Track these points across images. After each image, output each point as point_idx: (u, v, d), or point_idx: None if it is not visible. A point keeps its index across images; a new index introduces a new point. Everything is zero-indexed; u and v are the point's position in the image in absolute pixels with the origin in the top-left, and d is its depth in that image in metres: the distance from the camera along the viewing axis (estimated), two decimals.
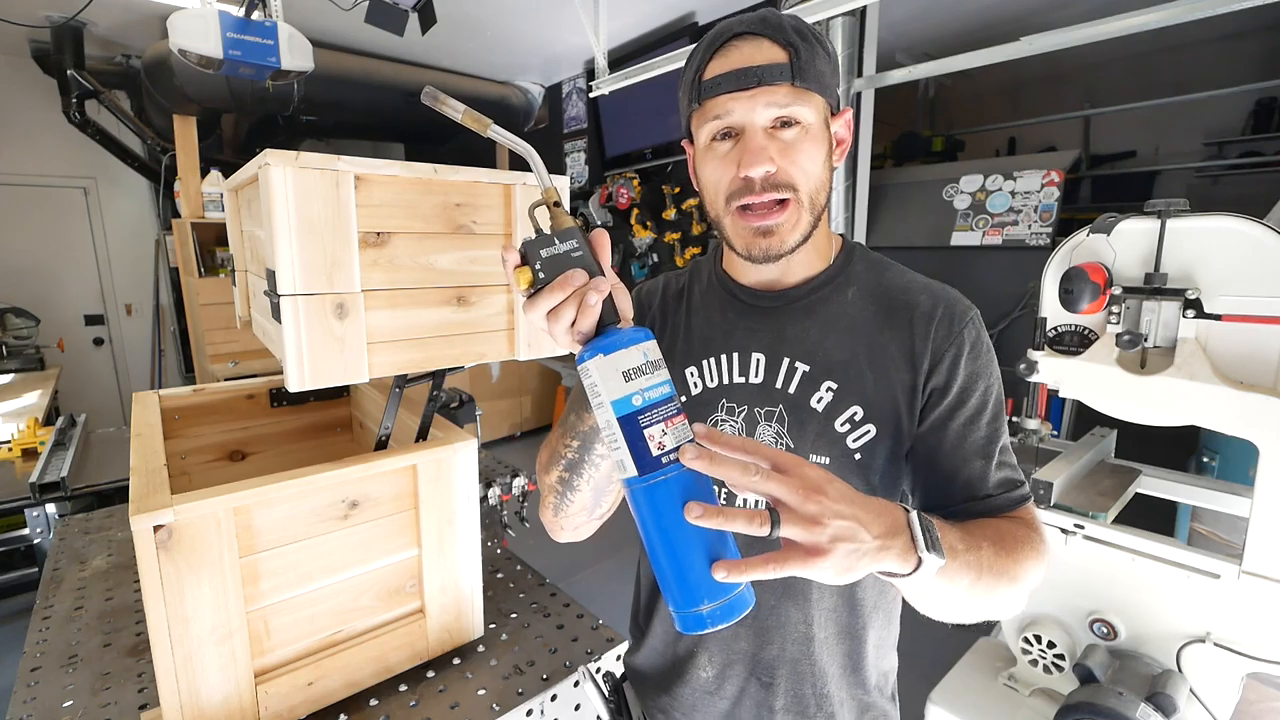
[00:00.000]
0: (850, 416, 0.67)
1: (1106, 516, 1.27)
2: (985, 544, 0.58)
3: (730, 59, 0.63)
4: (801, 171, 0.64)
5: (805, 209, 0.65)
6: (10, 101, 4.08)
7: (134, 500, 0.71)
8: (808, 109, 0.63)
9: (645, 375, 0.49)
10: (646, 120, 3.86)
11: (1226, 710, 1.14)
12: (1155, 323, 1.23)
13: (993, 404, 0.67)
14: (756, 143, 0.63)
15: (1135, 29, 1.84)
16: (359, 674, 0.91)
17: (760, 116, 0.63)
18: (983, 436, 0.66)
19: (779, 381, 0.70)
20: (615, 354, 0.49)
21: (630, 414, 0.49)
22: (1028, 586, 0.61)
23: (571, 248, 0.53)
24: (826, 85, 0.64)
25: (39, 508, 1.85)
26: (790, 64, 0.61)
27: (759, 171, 0.62)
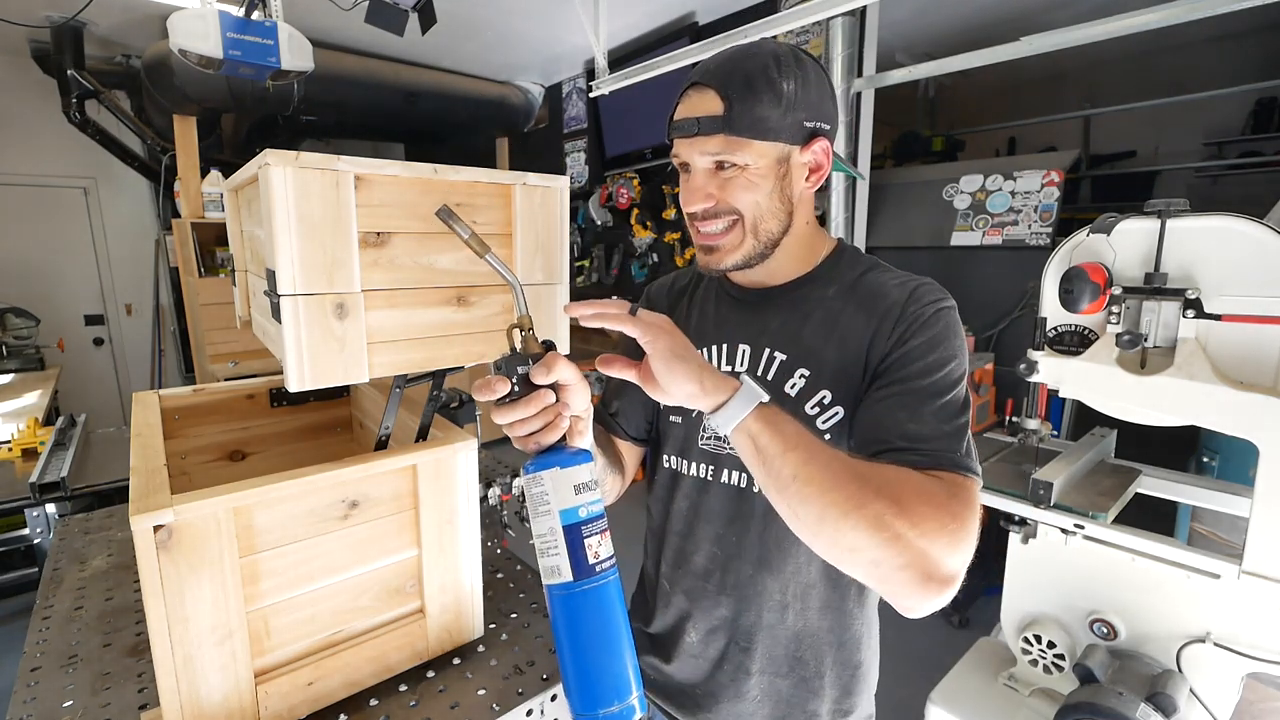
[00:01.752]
0: (820, 400, 0.73)
1: (1106, 516, 1.27)
2: (842, 456, 0.58)
3: (686, 105, 0.72)
4: (740, 202, 0.71)
5: (749, 233, 0.73)
6: (10, 101, 4.08)
7: (134, 500, 0.71)
8: (743, 154, 0.69)
9: (590, 491, 0.57)
10: (646, 120, 3.86)
11: (1226, 710, 1.14)
12: (1155, 323, 1.23)
13: (939, 375, 0.66)
14: (696, 182, 0.72)
15: (1135, 29, 1.84)
16: (359, 674, 0.91)
17: (699, 160, 0.71)
18: (914, 397, 0.65)
19: (760, 369, 0.77)
20: (570, 469, 0.56)
21: (575, 524, 0.55)
22: (914, 547, 0.54)
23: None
24: (771, 128, 0.69)
25: (39, 508, 1.85)
26: (724, 116, 0.68)
27: (695, 208, 0.73)
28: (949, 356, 0.67)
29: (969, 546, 0.57)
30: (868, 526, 0.53)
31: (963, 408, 0.66)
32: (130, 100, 3.96)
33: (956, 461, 0.62)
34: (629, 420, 0.92)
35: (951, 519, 0.56)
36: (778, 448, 0.56)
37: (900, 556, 0.54)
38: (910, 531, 0.54)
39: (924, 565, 0.54)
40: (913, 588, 0.55)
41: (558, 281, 0.95)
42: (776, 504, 0.59)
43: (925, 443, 0.63)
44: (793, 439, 0.57)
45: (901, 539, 0.53)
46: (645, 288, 0.99)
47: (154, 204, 4.49)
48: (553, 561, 0.56)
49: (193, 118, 3.57)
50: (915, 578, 0.54)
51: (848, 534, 0.54)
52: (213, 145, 4.16)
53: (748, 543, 0.79)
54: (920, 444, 0.63)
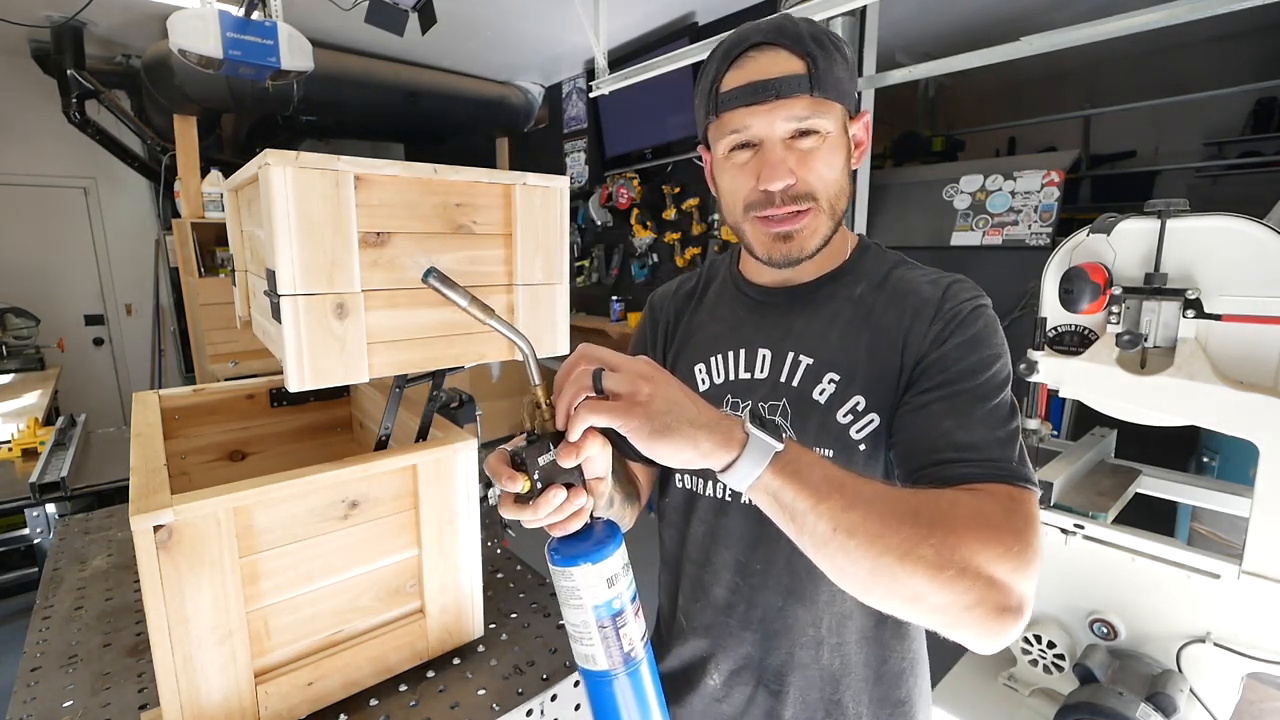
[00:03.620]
0: (853, 407, 0.66)
1: (1106, 516, 1.27)
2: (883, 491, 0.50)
3: (747, 70, 0.63)
4: (820, 180, 0.64)
5: (825, 215, 0.66)
6: (10, 101, 4.08)
7: (134, 500, 0.71)
8: (826, 119, 0.63)
9: (623, 579, 0.54)
10: (646, 120, 3.86)
11: (1226, 710, 1.14)
12: (1155, 323, 1.23)
13: (985, 376, 0.60)
14: (775, 156, 0.63)
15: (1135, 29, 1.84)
16: (359, 674, 0.91)
17: (778, 129, 0.63)
18: (960, 401, 0.59)
19: (783, 375, 0.70)
20: (601, 563, 0.52)
21: (611, 616, 0.53)
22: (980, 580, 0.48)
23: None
24: (845, 92, 0.64)
25: (39, 508, 1.85)
26: (808, 75, 0.61)
27: (778, 185, 0.63)
28: (993, 356, 0.62)
29: (1035, 566, 0.51)
30: (927, 569, 0.47)
31: (1012, 411, 0.60)
32: (130, 100, 3.96)
33: (1012, 472, 0.56)
34: None
35: (1014, 539, 0.50)
36: (807, 502, 0.49)
37: (968, 594, 0.48)
38: (974, 560, 0.48)
39: (994, 598, 0.48)
40: (986, 624, 0.49)
41: (558, 281, 0.95)
42: (817, 560, 0.51)
43: (976, 452, 0.57)
44: (823, 487, 0.49)
45: (965, 574, 0.47)
46: (648, 297, 0.92)
47: (154, 204, 4.48)
48: (587, 650, 0.54)
49: (193, 118, 3.56)
50: (987, 614, 0.48)
51: (906, 582, 0.48)
52: (213, 145, 4.15)
53: (774, 570, 0.70)
54: (971, 454, 0.57)
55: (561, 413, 0.52)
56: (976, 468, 0.56)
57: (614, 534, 0.55)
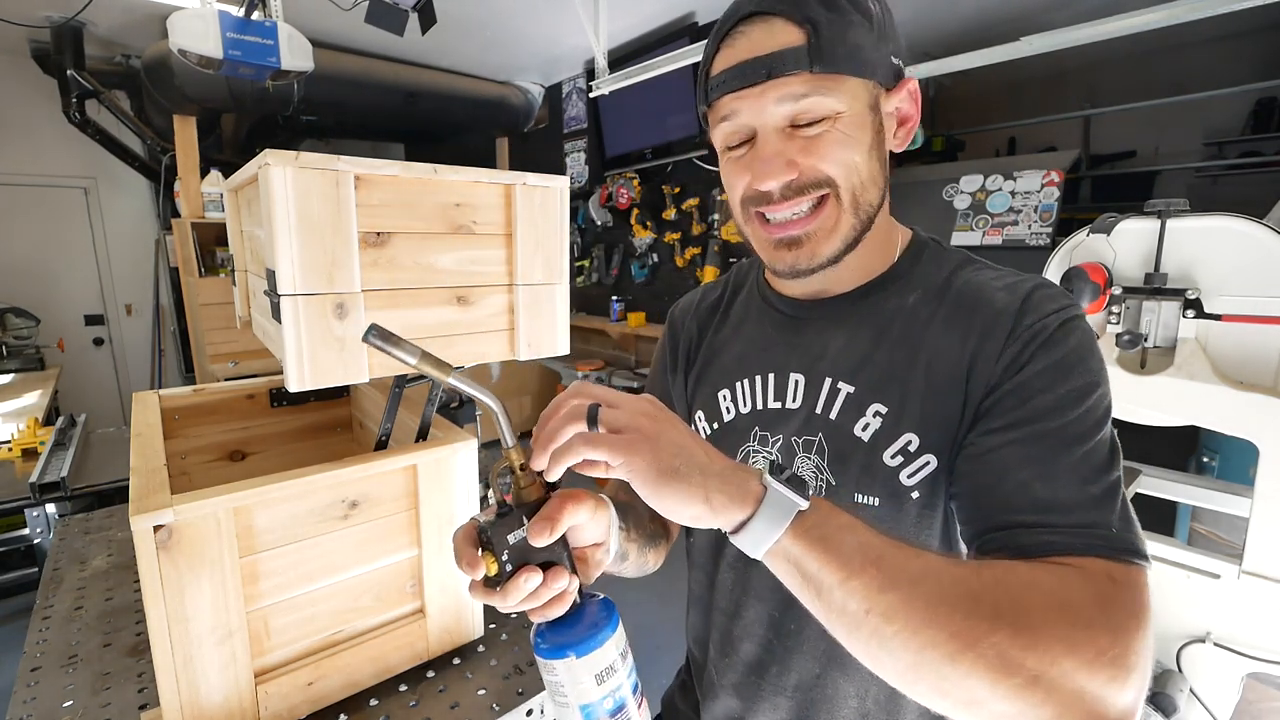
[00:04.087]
0: (904, 447, 0.54)
1: None
2: (934, 565, 0.41)
3: (737, 48, 0.52)
4: (836, 164, 0.53)
5: (846, 209, 0.54)
6: (10, 101, 4.08)
7: (134, 500, 0.71)
8: (835, 98, 0.51)
9: (617, 673, 0.45)
10: (646, 120, 3.86)
11: (1226, 710, 1.14)
12: (1155, 323, 1.23)
13: (1077, 413, 0.48)
14: (768, 149, 0.53)
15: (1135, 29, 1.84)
16: (359, 674, 0.91)
17: (771, 116, 0.52)
18: (1043, 446, 0.47)
19: (819, 406, 0.59)
20: (588, 656, 0.44)
21: (611, 713, 0.45)
22: (1061, 690, 0.37)
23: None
24: (865, 60, 0.52)
25: (39, 508, 1.85)
26: (807, 46, 0.50)
27: (771, 185, 0.53)
28: (1089, 386, 0.49)
29: (1143, 669, 0.39)
30: (987, 670, 0.38)
31: (1112, 458, 0.48)
32: (130, 100, 3.96)
33: (1111, 542, 0.44)
34: None
35: (1111, 638, 0.39)
36: (835, 575, 0.40)
37: (1044, 706, 0.37)
38: (1053, 669, 0.37)
39: (1080, 710, 0.38)
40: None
41: (558, 281, 0.95)
42: (849, 646, 0.42)
43: (1064, 514, 0.45)
44: (855, 558, 0.40)
45: (1040, 681, 0.37)
46: (670, 310, 0.81)
47: (154, 204, 4.48)
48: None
49: (193, 118, 3.57)
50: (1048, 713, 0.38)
51: (960, 684, 0.39)
52: (213, 145, 4.15)
53: (809, 631, 0.60)
54: (1056, 516, 0.45)
55: (541, 450, 0.44)
56: (1064, 535, 0.44)
57: (608, 616, 0.47)
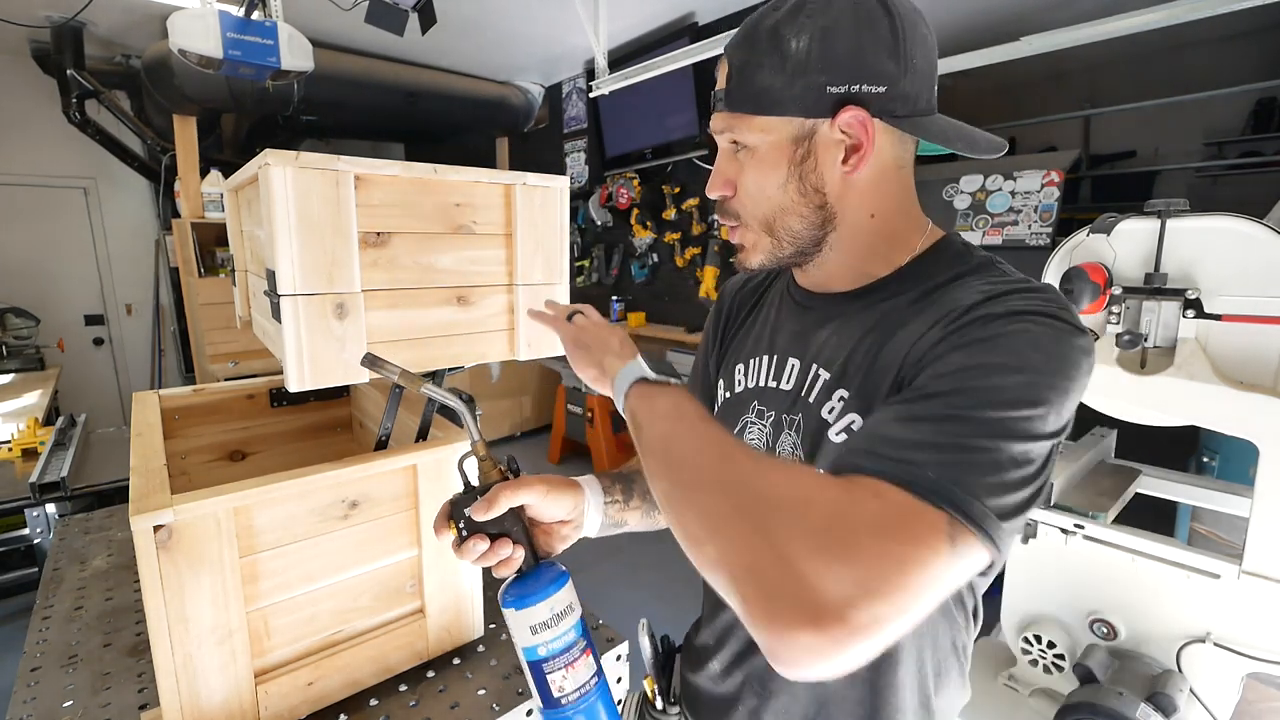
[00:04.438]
0: (847, 425, 0.59)
1: (1106, 516, 1.27)
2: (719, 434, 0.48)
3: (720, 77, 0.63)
4: (747, 197, 0.62)
5: (758, 233, 0.62)
6: (10, 101, 4.08)
7: (134, 500, 0.71)
8: (746, 132, 0.59)
9: (550, 629, 0.55)
10: (646, 120, 3.86)
11: (1226, 710, 1.14)
12: (1155, 323, 1.23)
13: (981, 385, 0.44)
14: (718, 164, 0.63)
15: (1135, 29, 1.84)
16: (359, 674, 0.91)
17: (719, 140, 0.62)
18: (928, 404, 0.45)
19: (804, 389, 0.65)
20: (525, 610, 0.55)
21: (535, 662, 0.55)
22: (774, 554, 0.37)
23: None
24: (776, 100, 0.56)
25: (39, 508, 1.85)
26: (726, 88, 0.59)
27: (713, 195, 0.64)
28: (1007, 368, 0.44)
29: (880, 588, 0.36)
30: (709, 505, 0.42)
31: (1007, 435, 0.42)
32: (130, 100, 3.96)
33: (935, 486, 0.40)
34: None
35: (844, 536, 0.37)
36: (646, 419, 0.54)
37: (748, 555, 0.38)
38: (775, 531, 0.38)
39: (780, 578, 0.37)
40: (763, 608, 0.37)
41: (558, 281, 0.95)
42: (647, 471, 0.52)
43: (895, 449, 0.42)
44: (663, 412, 0.53)
45: (756, 534, 0.39)
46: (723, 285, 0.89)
47: (154, 204, 4.48)
48: (529, 686, 0.57)
49: (193, 118, 3.56)
50: (768, 595, 0.37)
51: (690, 517, 0.43)
52: (213, 145, 4.15)
53: None
54: (886, 449, 0.42)
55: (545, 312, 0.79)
56: (875, 461, 0.42)
57: (552, 582, 0.57)
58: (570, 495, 0.66)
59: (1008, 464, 0.42)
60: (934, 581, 0.37)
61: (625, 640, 1.09)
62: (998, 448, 0.42)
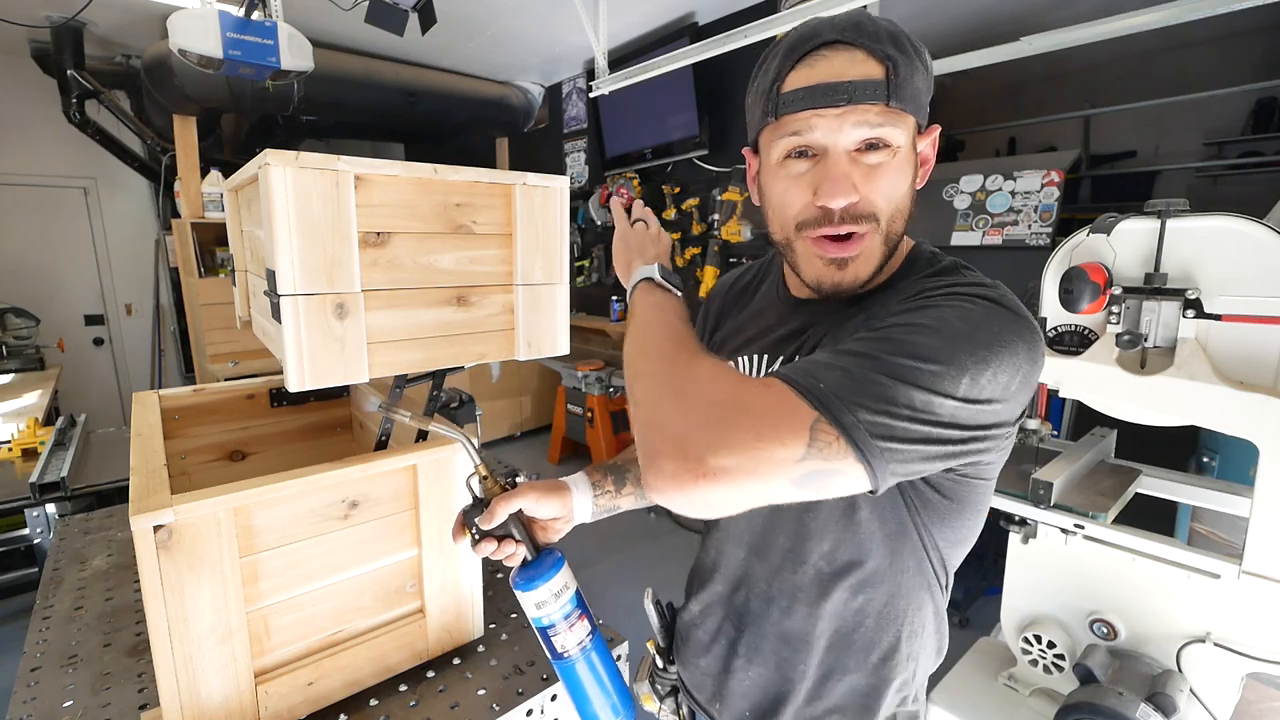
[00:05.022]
0: None
1: (1106, 516, 1.27)
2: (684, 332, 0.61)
3: (818, 70, 0.57)
4: (884, 199, 0.59)
5: (880, 238, 0.61)
6: (10, 101, 4.08)
7: (134, 500, 0.71)
8: (898, 131, 0.58)
9: (549, 604, 0.71)
10: (646, 120, 3.86)
11: (1226, 710, 1.14)
12: (1155, 323, 1.23)
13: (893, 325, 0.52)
14: (839, 169, 0.58)
15: (1135, 29, 1.84)
16: (359, 674, 0.91)
17: (846, 138, 0.57)
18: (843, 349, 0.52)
19: None
20: (528, 593, 0.71)
21: (542, 628, 0.72)
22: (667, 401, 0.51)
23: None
24: (920, 105, 0.59)
25: (39, 508, 1.85)
26: (886, 81, 0.56)
27: (839, 202, 0.58)
28: (929, 341, 0.49)
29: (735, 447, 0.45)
30: (651, 373, 0.56)
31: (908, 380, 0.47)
32: (130, 100, 3.96)
33: (817, 391, 0.47)
34: None
35: (729, 408, 0.48)
36: (638, 307, 0.66)
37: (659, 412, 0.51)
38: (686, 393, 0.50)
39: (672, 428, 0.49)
40: (652, 447, 0.49)
41: (558, 281, 0.95)
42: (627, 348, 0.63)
43: (809, 368, 0.50)
44: (651, 304, 0.66)
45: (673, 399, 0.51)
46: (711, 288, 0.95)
47: (154, 204, 4.48)
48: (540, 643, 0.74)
49: (193, 118, 3.56)
50: (659, 438, 0.49)
51: (636, 382, 0.57)
52: (213, 145, 4.15)
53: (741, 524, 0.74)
54: (801, 367, 0.51)
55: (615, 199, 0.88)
56: (790, 372, 0.50)
57: (549, 568, 0.72)
58: (558, 497, 0.76)
59: (900, 402, 0.47)
60: (785, 460, 0.45)
61: (625, 640, 1.09)
62: (894, 385, 0.47)
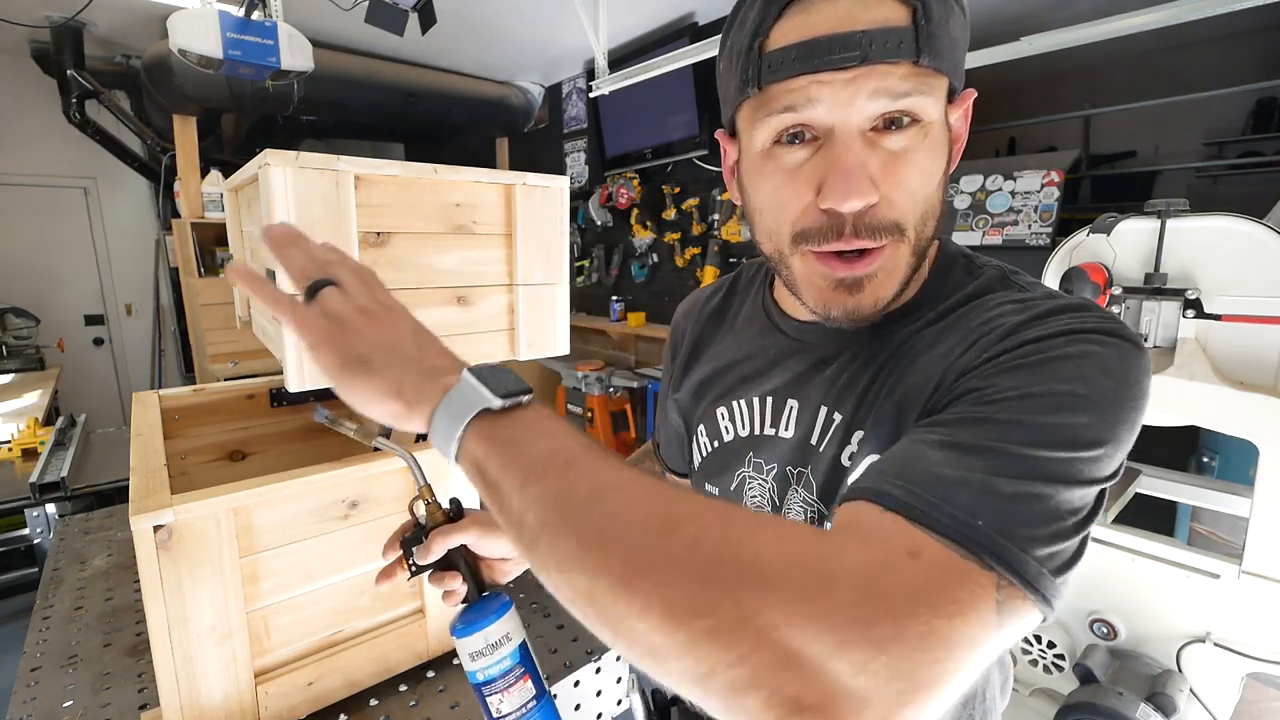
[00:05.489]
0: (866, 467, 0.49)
1: (1106, 516, 1.27)
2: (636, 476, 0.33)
3: (814, 19, 0.40)
4: (911, 199, 0.43)
5: (907, 249, 0.45)
6: (10, 101, 4.08)
7: (134, 500, 0.71)
8: (931, 100, 0.41)
9: (486, 656, 0.59)
10: (646, 120, 3.86)
11: (1226, 710, 1.14)
12: (1155, 323, 1.23)
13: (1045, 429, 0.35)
14: (853, 157, 0.41)
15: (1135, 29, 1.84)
16: (359, 674, 0.91)
17: (860, 113, 0.41)
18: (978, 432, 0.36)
19: (814, 436, 0.54)
20: (464, 639, 0.59)
21: (477, 684, 0.59)
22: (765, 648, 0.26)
23: None
24: (958, 61, 0.43)
25: (39, 508, 1.85)
26: (914, 29, 0.39)
27: (853, 205, 0.42)
28: (1080, 419, 0.36)
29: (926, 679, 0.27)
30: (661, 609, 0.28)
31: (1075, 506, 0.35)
32: (130, 100, 3.96)
33: (984, 539, 0.31)
34: (671, 455, 0.80)
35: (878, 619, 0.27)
36: (514, 479, 0.34)
37: (737, 668, 0.27)
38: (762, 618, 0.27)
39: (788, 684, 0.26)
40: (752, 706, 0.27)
41: (558, 281, 0.95)
42: (534, 569, 0.34)
43: (935, 486, 0.33)
44: (540, 463, 0.34)
45: (739, 630, 0.27)
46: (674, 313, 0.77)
47: (154, 204, 4.48)
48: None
49: (193, 118, 3.56)
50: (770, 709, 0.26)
51: (629, 625, 0.29)
52: (213, 145, 4.15)
53: None
54: (921, 483, 0.34)
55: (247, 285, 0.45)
56: (910, 497, 0.33)
57: (491, 614, 0.60)
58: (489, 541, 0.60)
59: (1065, 513, 0.34)
60: (980, 658, 0.30)
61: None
62: (1056, 494, 0.34)
